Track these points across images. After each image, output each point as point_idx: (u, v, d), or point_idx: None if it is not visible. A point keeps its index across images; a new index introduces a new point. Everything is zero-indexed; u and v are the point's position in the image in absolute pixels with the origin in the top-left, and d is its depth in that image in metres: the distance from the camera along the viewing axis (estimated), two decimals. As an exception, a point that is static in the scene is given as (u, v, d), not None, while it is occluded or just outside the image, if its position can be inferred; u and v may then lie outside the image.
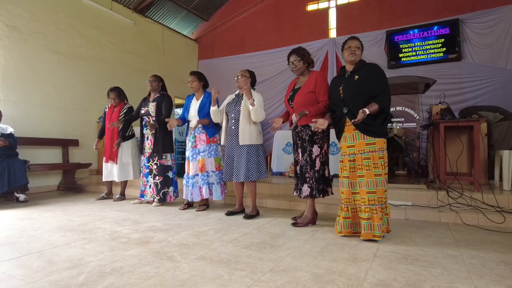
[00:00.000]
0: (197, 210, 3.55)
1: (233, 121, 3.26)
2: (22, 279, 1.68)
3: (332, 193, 2.88)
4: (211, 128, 3.56)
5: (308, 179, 2.79)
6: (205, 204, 3.65)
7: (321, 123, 2.51)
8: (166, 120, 3.62)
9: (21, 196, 4.23)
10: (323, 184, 2.78)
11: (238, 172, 3.19)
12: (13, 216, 3.29)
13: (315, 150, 2.76)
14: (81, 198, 4.59)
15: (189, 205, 3.73)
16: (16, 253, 2.09)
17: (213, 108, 3.34)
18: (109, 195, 4.51)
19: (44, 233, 2.60)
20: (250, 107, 3.08)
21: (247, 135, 3.15)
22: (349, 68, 2.54)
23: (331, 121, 2.62)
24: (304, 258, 1.99)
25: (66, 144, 5.58)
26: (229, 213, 3.31)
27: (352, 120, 2.40)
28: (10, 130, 4.30)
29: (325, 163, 2.80)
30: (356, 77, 2.45)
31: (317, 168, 2.76)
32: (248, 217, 3.14)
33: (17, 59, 5.05)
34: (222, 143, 3.40)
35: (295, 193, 2.94)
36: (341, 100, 2.50)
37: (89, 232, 2.65)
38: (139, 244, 2.29)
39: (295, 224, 2.86)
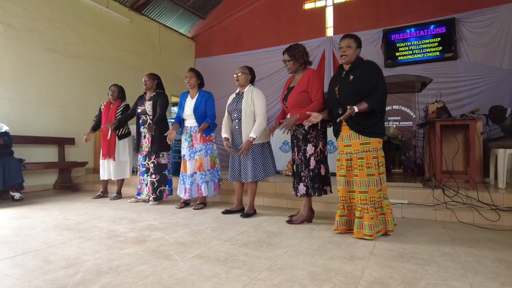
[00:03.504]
0: (194, 209, 3.54)
1: (236, 120, 3.24)
2: (18, 278, 1.67)
3: (331, 192, 2.84)
4: (207, 128, 3.55)
5: (303, 178, 2.79)
6: (202, 203, 3.65)
7: (315, 117, 2.52)
8: (166, 134, 3.56)
9: (17, 195, 4.20)
10: (319, 182, 2.76)
11: (245, 172, 3.19)
12: (9, 215, 3.27)
13: (309, 149, 2.75)
14: (77, 197, 4.57)
15: (186, 203, 3.73)
16: (11, 252, 2.08)
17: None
18: (104, 194, 4.49)
19: (40, 232, 2.58)
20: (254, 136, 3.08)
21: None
22: (346, 67, 2.53)
23: (327, 116, 2.62)
24: (301, 256, 1.99)
25: (62, 142, 5.55)
26: (226, 212, 3.31)
27: (339, 119, 2.41)
28: (5, 128, 4.27)
29: (320, 161, 2.78)
30: (351, 77, 2.44)
31: (311, 167, 2.75)
32: (245, 215, 3.14)
33: (12, 57, 5.01)
34: (223, 135, 3.37)
35: (293, 192, 2.95)
36: (337, 101, 2.51)
37: (85, 231, 2.63)
38: (136, 243, 2.28)
39: (289, 222, 2.87)
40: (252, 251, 2.09)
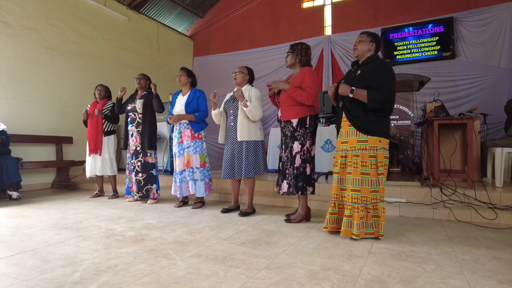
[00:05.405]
0: (192, 208, 3.54)
1: (232, 117, 3.24)
2: (15, 277, 1.67)
3: (313, 193, 2.84)
4: (197, 124, 3.56)
5: (287, 176, 2.78)
6: (201, 202, 3.65)
7: (276, 83, 2.74)
8: (169, 119, 3.63)
9: (14, 194, 4.19)
10: (303, 181, 2.74)
11: (239, 169, 3.19)
12: (6, 214, 3.26)
13: (296, 146, 2.75)
14: (75, 195, 4.56)
15: (184, 202, 3.73)
16: (9, 252, 2.07)
17: (214, 112, 3.33)
18: (101, 192, 4.48)
19: (38, 231, 2.58)
20: (244, 108, 3.07)
21: (246, 130, 3.13)
22: (360, 62, 2.50)
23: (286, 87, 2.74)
24: (299, 255, 2.00)
25: (59, 141, 5.53)
26: (225, 211, 3.30)
27: (341, 88, 2.40)
28: (2, 127, 4.25)
29: (306, 160, 2.76)
30: (359, 72, 2.40)
31: (296, 165, 2.74)
32: (244, 214, 3.14)
33: (9, 56, 4.98)
34: (220, 141, 3.37)
35: (275, 189, 2.94)
36: (340, 94, 2.50)
37: (83, 230, 2.63)
38: (134, 242, 2.28)
39: (288, 221, 2.87)
40: (251, 250, 2.09)
